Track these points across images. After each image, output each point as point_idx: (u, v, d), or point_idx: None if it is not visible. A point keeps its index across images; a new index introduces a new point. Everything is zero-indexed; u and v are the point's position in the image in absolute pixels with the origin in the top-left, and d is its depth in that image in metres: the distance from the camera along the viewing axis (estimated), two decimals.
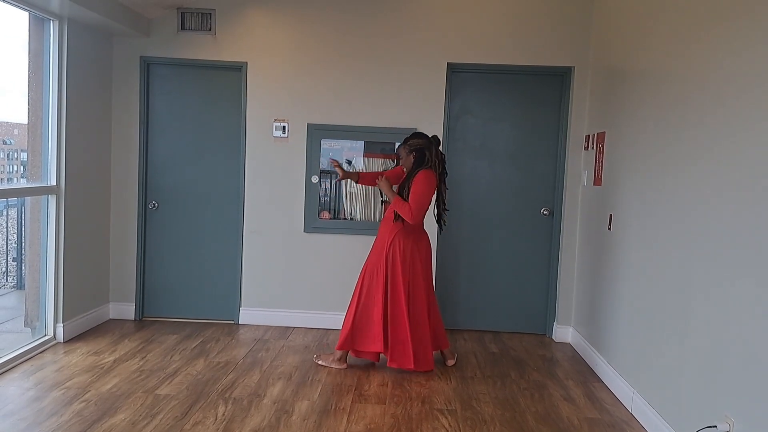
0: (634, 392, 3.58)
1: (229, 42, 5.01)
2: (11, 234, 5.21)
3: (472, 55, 4.97)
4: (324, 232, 5.08)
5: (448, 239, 5.16)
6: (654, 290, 3.40)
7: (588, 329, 4.58)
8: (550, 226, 5.14)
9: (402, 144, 4.21)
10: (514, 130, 5.13)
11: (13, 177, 5.03)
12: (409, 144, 4.13)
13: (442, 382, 4.01)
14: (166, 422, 3.24)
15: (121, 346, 4.44)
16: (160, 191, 5.17)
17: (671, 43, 3.39)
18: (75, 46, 4.46)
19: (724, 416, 2.60)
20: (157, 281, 5.22)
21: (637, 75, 3.88)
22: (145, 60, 5.05)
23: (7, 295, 5.10)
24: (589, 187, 4.74)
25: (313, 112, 5.04)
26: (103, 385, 3.71)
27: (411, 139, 4.16)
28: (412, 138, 4.16)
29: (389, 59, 5.00)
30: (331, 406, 3.56)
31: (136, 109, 5.06)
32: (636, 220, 3.73)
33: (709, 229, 2.84)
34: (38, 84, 4.36)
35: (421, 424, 3.37)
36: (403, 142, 4.20)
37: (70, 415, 3.27)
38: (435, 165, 4.08)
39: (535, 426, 3.39)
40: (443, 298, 5.18)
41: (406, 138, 4.21)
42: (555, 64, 4.95)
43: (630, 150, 3.91)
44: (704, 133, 2.95)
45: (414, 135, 4.19)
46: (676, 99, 3.27)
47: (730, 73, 2.74)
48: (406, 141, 4.17)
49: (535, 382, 4.08)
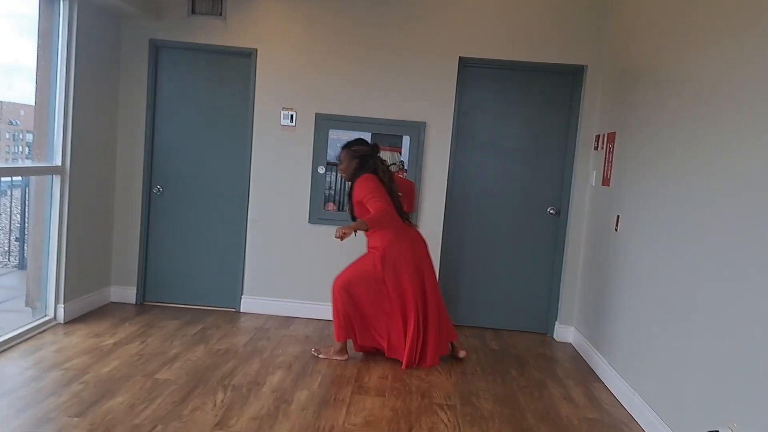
0: (635, 394, 3.56)
1: (239, 28, 4.98)
2: (15, 214, 5.20)
3: (485, 50, 4.93)
4: (329, 224, 5.05)
5: (453, 234, 5.14)
6: (659, 293, 3.38)
7: (590, 329, 4.56)
8: (556, 225, 5.11)
9: (345, 148, 4.17)
10: (523, 128, 5.09)
11: (18, 158, 5.01)
12: (353, 150, 4.10)
13: (442, 377, 3.99)
14: (164, 406, 3.23)
15: (122, 330, 4.43)
16: (165, 176, 5.14)
17: (687, 45, 3.35)
18: (84, 27, 4.43)
19: (726, 421, 2.58)
20: (160, 266, 5.20)
21: (650, 76, 3.84)
22: (154, 43, 5.02)
23: (9, 275, 5.10)
24: (597, 187, 4.71)
25: (321, 102, 5.01)
26: (102, 367, 3.70)
27: (355, 145, 4.14)
28: (356, 144, 4.15)
29: (401, 50, 4.96)
30: (331, 397, 3.55)
31: (144, 93, 5.03)
32: (644, 223, 3.70)
33: (717, 234, 2.81)
34: (46, 64, 4.34)
35: (420, 417, 3.35)
36: (346, 146, 4.17)
37: (69, 396, 3.26)
38: (378, 170, 4.08)
39: (534, 424, 3.37)
40: (445, 293, 5.16)
41: (348, 143, 4.19)
42: (568, 62, 4.91)
43: (640, 151, 3.87)
44: (717, 136, 2.91)
45: (357, 141, 4.19)
46: (691, 101, 3.24)
47: (746, 77, 2.70)
48: (350, 146, 4.15)
49: (535, 381, 4.06)
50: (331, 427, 3.16)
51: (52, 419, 2.99)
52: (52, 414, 3.04)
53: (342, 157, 4.15)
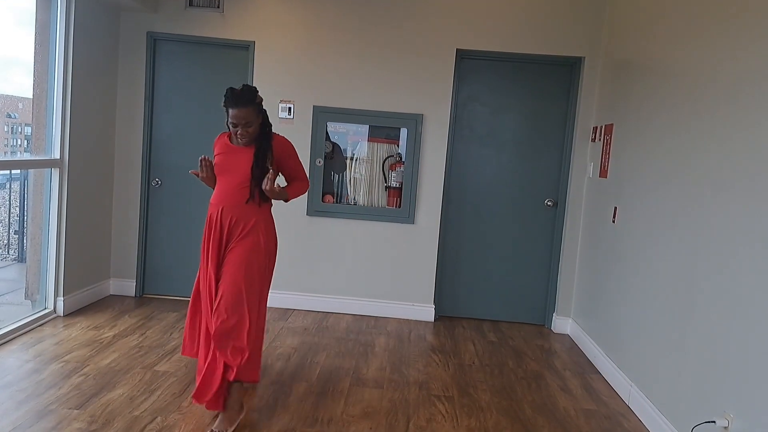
0: (632, 385, 3.58)
1: (236, 20, 4.97)
2: (14, 207, 5.21)
3: (482, 42, 4.93)
4: (327, 216, 5.07)
5: (450, 226, 5.15)
6: (656, 285, 3.39)
7: (587, 321, 4.58)
8: (553, 217, 5.12)
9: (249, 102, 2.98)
10: (521, 119, 5.10)
11: (16, 151, 5.01)
12: (257, 102, 3.04)
13: (440, 369, 4.02)
14: (164, 398, 3.25)
15: (121, 322, 4.45)
16: (163, 168, 5.15)
17: (684, 36, 3.35)
18: (82, 20, 4.42)
19: (723, 412, 2.60)
20: (159, 258, 5.22)
21: (648, 67, 3.84)
22: (152, 36, 5.01)
23: (8, 268, 5.11)
24: (594, 179, 4.71)
25: (319, 95, 5.01)
26: (102, 359, 3.72)
27: (251, 93, 3.01)
28: (251, 92, 3.01)
29: (398, 43, 4.96)
30: (329, 388, 3.57)
31: (142, 85, 5.03)
32: (641, 214, 3.72)
33: (714, 225, 2.82)
34: (44, 57, 4.33)
35: (418, 409, 3.37)
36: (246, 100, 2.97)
37: (69, 388, 3.28)
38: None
39: (532, 415, 3.40)
40: (443, 284, 5.18)
41: (242, 91, 2.97)
42: (565, 53, 4.91)
43: (638, 143, 3.88)
44: (715, 127, 2.92)
45: (249, 88, 3.03)
46: (688, 92, 3.24)
47: (743, 67, 2.71)
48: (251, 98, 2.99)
49: (533, 372, 4.08)
50: (330, 418, 3.18)
51: (52, 411, 3.00)
52: (53, 406, 3.06)
53: (250, 115, 3.00)
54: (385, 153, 5.14)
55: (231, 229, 3.08)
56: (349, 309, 5.14)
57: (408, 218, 5.05)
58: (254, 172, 3.05)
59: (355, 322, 4.94)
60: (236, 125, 3.00)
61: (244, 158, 3.08)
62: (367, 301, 5.14)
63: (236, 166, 3.08)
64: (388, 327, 4.86)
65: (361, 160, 5.15)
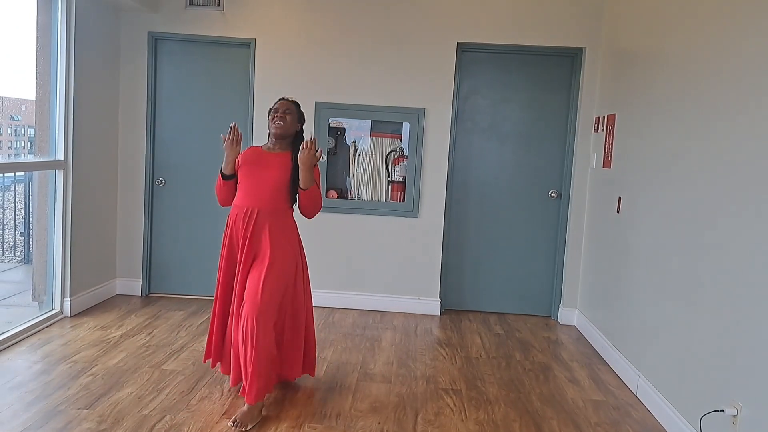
0: (640, 375, 3.58)
1: (237, 18, 4.96)
2: (19, 209, 5.23)
3: (483, 34, 4.91)
4: (331, 212, 5.07)
5: (454, 220, 5.15)
6: (663, 274, 3.38)
7: (593, 312, 4.58)
8: (557, 208, 5.11)
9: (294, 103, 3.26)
10: (523, 111, 5.08)
11: (20, 153, 5.03)
12: (300, 112, 3.30)
13: (447, 362, 4.02)
14: (172, 397, 3.26)
15: (128, 322, 4.47)
16: (167, 168, 5.16)
17: (685, 25, 3.33)
18: (83, 21, 4.43)
19: (731, 400, 2.60)
20: (164, 258, 5.23)
21: (649, 56, 3.82)
22: (152, 35, 5.01)
23: (15, 269, 5.14)
24: (598, 169, 4.70)
25: (320, 91, 5.00)
26: (109, 359, 3.73)
27: (297, 103, 3.30)
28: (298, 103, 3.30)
29: (399, 37, 4.95)
30: (337, 383, 3.58)
31: (144, 85, 5.03)
32: (645, 204, 3.71)
33: (720, 214, 2.81)
34: (46, 59, 4.34)
35: (426, 403, 3.38)
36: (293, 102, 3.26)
37: (77, 388, 3.30)
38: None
39: (540, 407, 3.40)
40: (448, 278, 5.18)
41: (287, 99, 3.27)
42: (566, 44, 4.89)
43: (641, 132, 3.87)
44: (718, 115, 2.91)
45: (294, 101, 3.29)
46: (690, 81, 3.23)
47: (746, 55, 2.69)
48: (297, 103, 3.28)
49: (540, 364, 4.08)
50: (338, 413, 3.19)
51: (61, 412, 3.02)
52: (62, 407, 3.07)
53: (291, 111, 3.23)
54: (388, 147, 5.14)
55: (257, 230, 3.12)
56: (355, 304, 5.15)
57: (412, 212, 5.05)
58: (293, 174, 3.15)
59: (362, 317, 4.94)
60: (277, 110, 3.21)
61: (276, 161, 3.18)
62: (373, 296, 5.14)
63: (268, 168, 3.16)
64: (395, 321, 4.87)
65: (364, 154, 5.15)
